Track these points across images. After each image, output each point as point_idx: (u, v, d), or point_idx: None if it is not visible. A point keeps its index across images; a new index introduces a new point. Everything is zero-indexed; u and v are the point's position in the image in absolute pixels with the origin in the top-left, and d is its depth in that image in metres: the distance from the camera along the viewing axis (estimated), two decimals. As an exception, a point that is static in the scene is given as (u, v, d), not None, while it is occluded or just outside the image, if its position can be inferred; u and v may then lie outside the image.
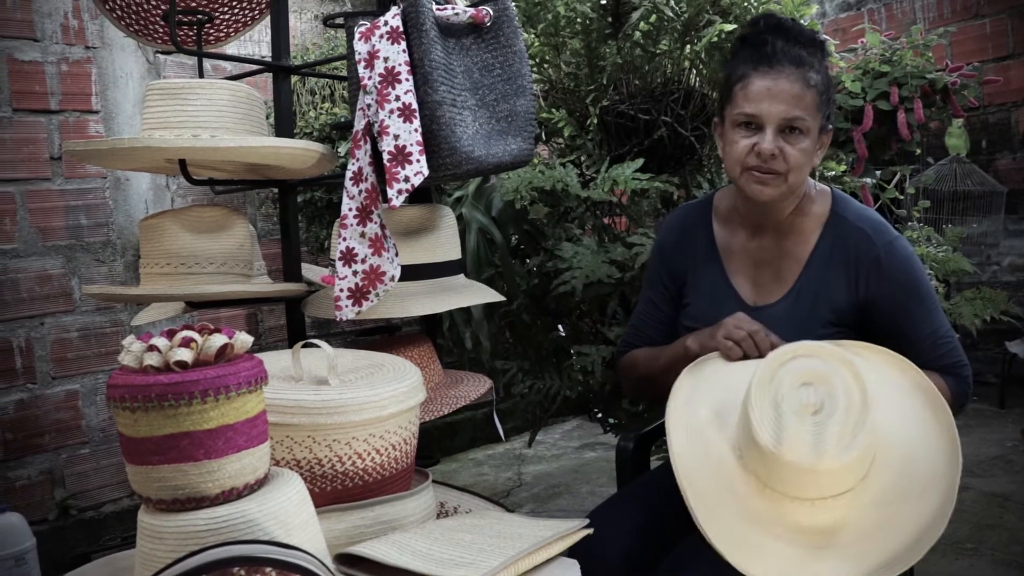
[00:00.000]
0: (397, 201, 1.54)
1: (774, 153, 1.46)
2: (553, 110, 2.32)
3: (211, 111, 1.66)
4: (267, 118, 1.93)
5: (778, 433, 1.22)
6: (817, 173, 2.45)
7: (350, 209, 1.61)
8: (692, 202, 1.82)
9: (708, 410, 1.39)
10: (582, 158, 2.38)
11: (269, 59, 1.96)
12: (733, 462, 1.31)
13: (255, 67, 2.11)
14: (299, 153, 1.71)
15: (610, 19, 2.31)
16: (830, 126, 1.57)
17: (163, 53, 2.82)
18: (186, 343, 1.15)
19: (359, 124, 1.61)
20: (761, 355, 1.39)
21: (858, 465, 1.24)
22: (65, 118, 2.87)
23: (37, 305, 2.80)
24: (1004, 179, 4.20)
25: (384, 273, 1.61)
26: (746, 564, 1.22)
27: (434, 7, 1.65)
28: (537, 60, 2.40)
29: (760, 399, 1.25)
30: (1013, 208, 4.20)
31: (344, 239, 1.61)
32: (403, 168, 1.54)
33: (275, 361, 1.53)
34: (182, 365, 1.13)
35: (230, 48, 2.36)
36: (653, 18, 2.26)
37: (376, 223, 1.61)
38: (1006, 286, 4.15)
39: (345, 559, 1.29)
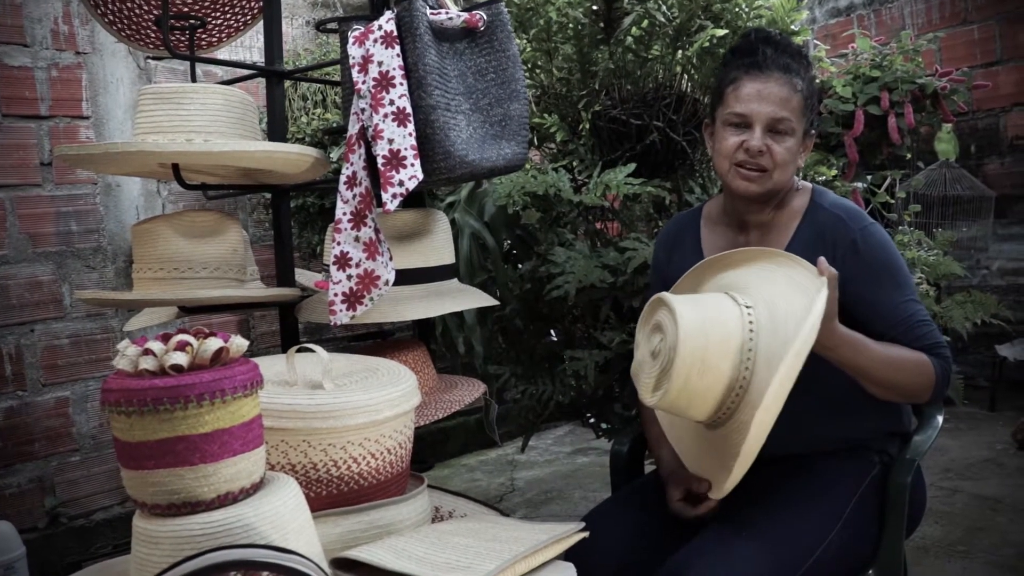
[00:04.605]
0: (391, 205, 1.54)
1: (761, 150, 1.53)
2: (545, 115, 2.32)
3: (205, 115, 1.66)
4: (259, 123, 1.93)
5: (635, 370, 1.49)
6: (808, 178, 2.46)
7: (344, 213, 1.61)
8: (683, 212, 1.88)
9: None
10: (574, 163, 2.38)
11: (261, 64, 1.95)
12: None
13: (248, 72, 2.11)
14: (293, 157, 1.71)
15: (602, 24, 2.32)
16: (813, 131, 1.64)
17: (154, 59, 2.81)
18: (181, 347, 1.15)
19: (353, 128, 1.61)
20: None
21: (690, 402, 1.38)
22: (55, 124, 2.86)
23: (27, 312, 2.79)
24: (993, 184, 4.22)
25: (379, 277, 1.61)
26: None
27: (428, 11, 1.65)
28: (529, 65, 2.41)
29: (637, 334, 1.50)
30: (1002, 212, 4.22)
31: (338, 243, 1.61)
32: (397, 172, 1.54)
33: (270, 366, 1.53)
34: (178, 369, 1.13)
35: (221, 54, 2.35)
36: (645, 23, 2.27)
37: (370, 227, 1.61)
38: (995, 290, 4.17)
39: (341, 563, 1.29)
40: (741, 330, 1.37)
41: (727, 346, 1.36)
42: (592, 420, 2.58)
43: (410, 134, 1.55)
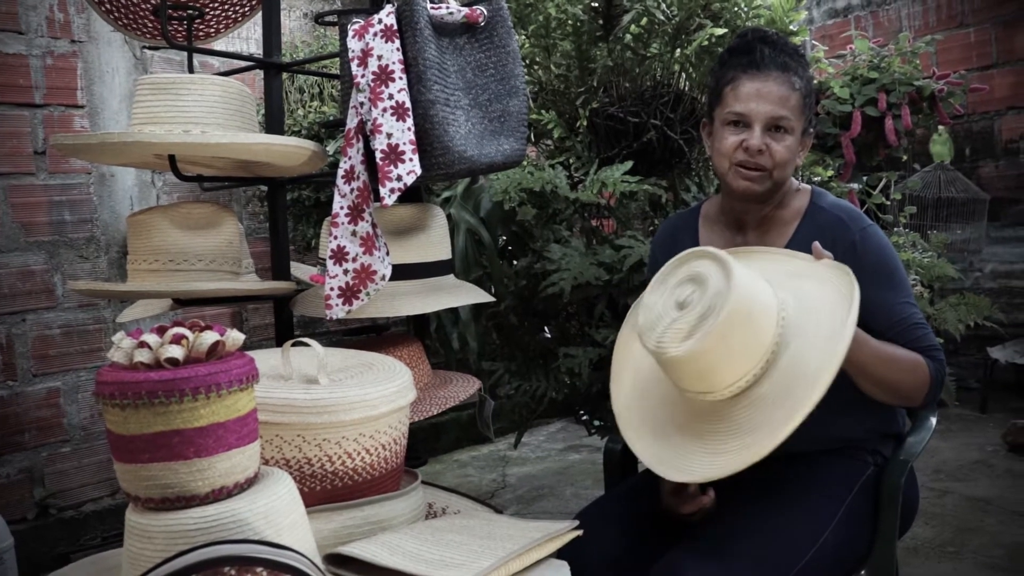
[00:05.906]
0: (389, 200, 1.53)
1: (761, 149, 1.53)
2: (543, 112, 2.32)
3: (202, 106, 1.64)
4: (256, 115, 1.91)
5: (647, 321, 1.34)
6: (804, 178, 2.46)
7: (342, 207, 1.60)
8: (680, 211, 1.88)
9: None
10: (571, 160, 2.38)
11: (259, 56, 1.94)
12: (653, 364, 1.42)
13: (245, 63, 2.10)
14: (290, 150, 1.70)
15: (601, 21, 2.32)
16: (811, 130, 1.64)
17: (151, 48, 2.80)
18: (177, 340, 1.14)
19: (352, 122, 1.60)
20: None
21: (720, 361, 1.28)
22: (50, 112, 2.84)
23: (19, 301, 2.77)
24: (987, 187, 4.24)
25: (375, 272, 1.61)
26: (635, 444, 1.47)
27: (429, 6, 1.64)
28: (527, 62, 2.40)
29: (651, 291, 1.38)
30: (995, 215, 4.24)
31: (335, 237, 1.60)
32: (396, 167, 1.53)
33: (264, 360, 1.52)
34: (173, 362, 1.12)
35: (218, 45, 2.34)
36: (644, 21, 2.27)
37: (368, 222, 1.60)
38: (988, 292, 4.18)
39: (335, 559, 1.28)
40: (775, 299, 1.33)
41: (768, 307, 1.31)
42: (585, 417, 2.58)
43: (409, 129, 1.55)
